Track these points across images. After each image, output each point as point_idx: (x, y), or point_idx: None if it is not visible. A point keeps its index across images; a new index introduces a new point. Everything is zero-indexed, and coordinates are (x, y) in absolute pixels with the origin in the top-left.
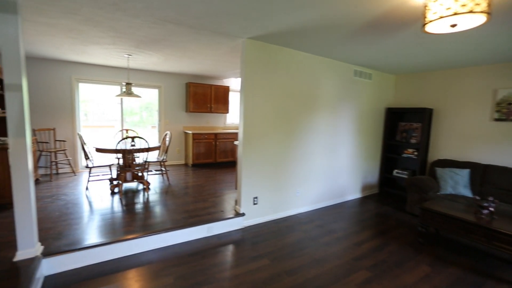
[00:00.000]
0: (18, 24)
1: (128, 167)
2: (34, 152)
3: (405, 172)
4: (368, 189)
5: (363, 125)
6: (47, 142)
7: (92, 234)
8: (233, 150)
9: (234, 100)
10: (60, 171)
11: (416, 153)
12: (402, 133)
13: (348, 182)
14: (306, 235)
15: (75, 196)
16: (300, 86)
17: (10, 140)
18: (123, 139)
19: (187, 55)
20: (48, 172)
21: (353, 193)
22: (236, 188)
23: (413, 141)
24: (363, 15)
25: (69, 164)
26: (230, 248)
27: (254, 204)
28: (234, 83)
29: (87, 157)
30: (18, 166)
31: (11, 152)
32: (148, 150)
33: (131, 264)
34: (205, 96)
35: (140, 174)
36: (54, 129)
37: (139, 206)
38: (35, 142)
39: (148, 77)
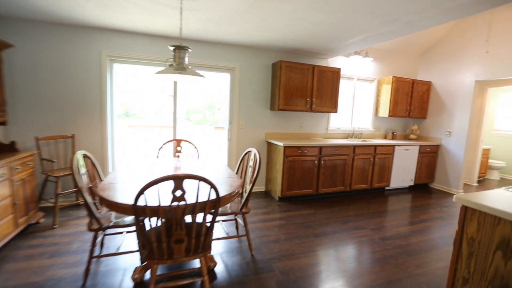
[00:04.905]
0: None
1: (169, 244)
2: (12, 182)
3: None
4: None
5: None
6: (53, 161)
7: None
8: (344, 175)
9: (345, 92)
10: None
11: None
12: None
13: None
14: None
15: None
16: None
17: None
18: (162, 180)
19: None
20: (54, 207)
21: None
22: None
23: None
24: None
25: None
26: None
27: None
28: (346, 65)
29: (89, 211)
30: None
31: None
32: (216, 205)
33: None
34: (303, 85)
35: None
36: (72, 137)
37: None
38: (26, 161)
39: (215, 53)
